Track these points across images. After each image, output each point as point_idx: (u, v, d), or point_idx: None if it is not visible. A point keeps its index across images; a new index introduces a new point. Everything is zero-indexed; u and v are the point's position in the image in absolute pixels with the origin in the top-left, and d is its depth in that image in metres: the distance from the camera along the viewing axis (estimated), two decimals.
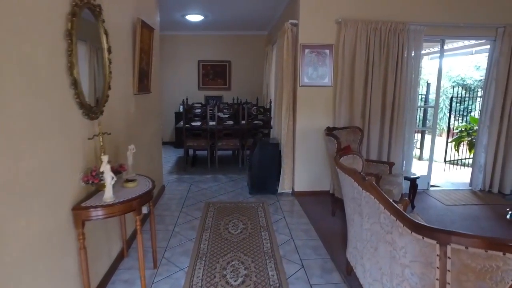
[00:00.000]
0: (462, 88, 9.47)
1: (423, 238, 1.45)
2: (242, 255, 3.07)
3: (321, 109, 4.57)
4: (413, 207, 4.30)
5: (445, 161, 7.14)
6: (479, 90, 9.59)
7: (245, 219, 3.88)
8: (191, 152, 6.74)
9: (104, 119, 2.49)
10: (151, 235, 2.85)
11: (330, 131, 4.19)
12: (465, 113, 8.21)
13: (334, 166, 3.76)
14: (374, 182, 1.94)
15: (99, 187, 2.29)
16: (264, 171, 4.70)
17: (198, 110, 6.18)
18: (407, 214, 1.59)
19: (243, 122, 6.03)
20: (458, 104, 8.10)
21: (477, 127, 6.70)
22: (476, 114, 9.00)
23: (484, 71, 4.75)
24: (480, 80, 10.17)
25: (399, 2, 4.41)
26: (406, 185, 4.13)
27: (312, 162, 4.68)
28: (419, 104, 5.91)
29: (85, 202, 2.13)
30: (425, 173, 5.11)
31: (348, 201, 2.41)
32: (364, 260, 2.19)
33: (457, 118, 8.19)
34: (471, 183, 5.22)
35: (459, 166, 7.14)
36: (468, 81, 10.33)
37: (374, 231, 1.93)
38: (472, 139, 7.19)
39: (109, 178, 2.11)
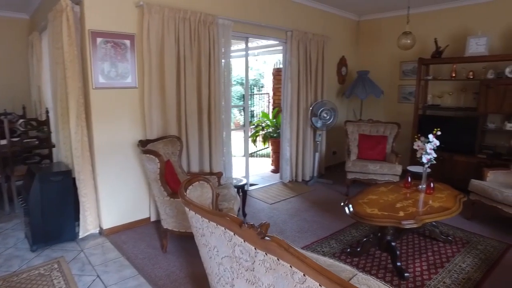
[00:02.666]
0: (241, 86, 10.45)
1: None
2: None
3: (127, 117, 3.54)
4: (244, 214, 4.02)
5: (244, 155, 7.68)
6: (255, 88, 11.00)
7: None
8: None
9: None
10: None
11: (144, 146, 3.26)
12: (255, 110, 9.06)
13: (161, 191, 2.88)
14: (264, 229, 1.28)
15: None
16: (53, 212, 3.21)
17: None
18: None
19: (3, 142, 4.09)
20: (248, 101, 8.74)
21: (268, 122, 7.38)
22: (257, 110, 10.27)
23: (257, 71, 5.00)
24: (255, 79, 11.63)
25: None
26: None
27: (122, 186, 3.58)
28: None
29: None
30: (242, 173, 5.02)
31: (210, 250, 1.66)
32: None
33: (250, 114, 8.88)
34: (281, 176, 5.53)
35: (257, 158, 7.79)
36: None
37: None
38: (265, 133, 7.82)
39: None
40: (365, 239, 3.14)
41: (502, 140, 4.82)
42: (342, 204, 3.06)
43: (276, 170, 6.28)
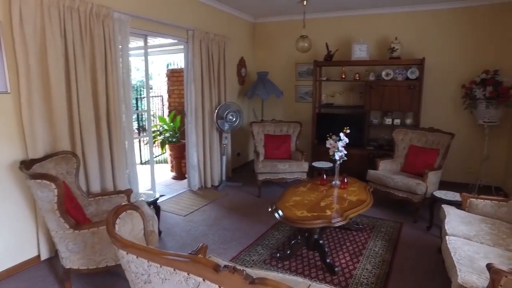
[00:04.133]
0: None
1: None
2: None
3: None
4: (159, 232, 3.59)
5: (141, 163, 7.05)
6: (142, 90, 10.18)
7: None
8: None
9: None
10: None
11: (29, 167, 2.55)
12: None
13: (60, 224, 2.30)
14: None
15: None
16: None
17: None
18: None
19: None
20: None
21: (165, 126, 6.91)
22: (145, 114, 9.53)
23: (144, 72, 4.59)
24: (142, 81, 10.78)
25: None
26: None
27: None
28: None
29: None
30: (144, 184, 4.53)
31: None
32: None
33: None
34: (189, 184, 5.20)
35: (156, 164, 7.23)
36: (133, 82, 10.62)
37: None
38: (163, 138, 7.32)
39: None
40: (293, 241, 3.15)
41: (382, 133, 5.57)
42: (270, 209, 2.99)
43: (178, 177, 5.92)
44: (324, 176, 3.69)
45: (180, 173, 6.03)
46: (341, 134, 3.53)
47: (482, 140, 4.96)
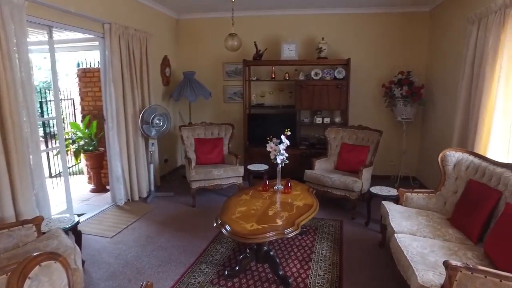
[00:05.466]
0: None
1: None
2: None
3: None
4: (82, 262, 3.00)
5: (50, 176, 6.07)
6: (48, 92, 8.79)
7: None
8: None
9: None
10: None
11: None
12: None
13: None
14: None
15: None
16: None
17: None
18: None
19: None
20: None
21: (80, 134, 6.06)
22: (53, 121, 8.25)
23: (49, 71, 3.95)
24: (46, 82, 9.34)
25: None
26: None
27: None
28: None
29: None
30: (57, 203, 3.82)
31: None
32: None
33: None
34: (113, 198, 4.57)
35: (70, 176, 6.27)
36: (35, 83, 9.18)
37: None
38: (77, 147, 6.43)
39: None
40: (241, 256, 2.90)
41: (313, 132, 5.67)
42: (215, 225, 2.69)
43: (97, 189, 5.22)
44: (267, 181, 3.50)
45: (100, 185, 5.31)
46: (283, 137, 3.39)
47: (401, 135, 5.37)
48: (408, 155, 5.48)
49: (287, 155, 3.43)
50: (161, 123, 4.78)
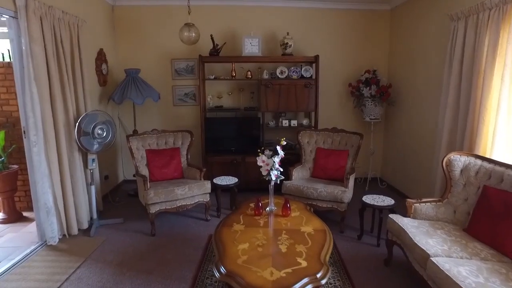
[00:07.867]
0: None
1: None
2: None
3: None
4: None
5: None
6: None
7: None
8: None
9: None
10: None
11: None
12: None
13: None
14: None
15: None
16: None
17: None
18: None
19: None
20: None
21: None
22: None
23: None
24: None
25: None
26: None
27: None
28: None
29: None
30: None
31: None
32: None
33: None
34: (41, 236, 3.44)
35: None
36: None
37: None
38: None
39: None
40: None
41: (279, 136, 5.15)
42: (218, 275, 1.98)
43: (11, 219, 4.05)
44: (260, 203, 2.86)
45: (15, 213, 4.12)
46: (278, 148, 2.80)
47: (369, 136, 5.18)
48: (375, 155, 5.33)
49: (281, 170, 2.85)
50: (105, 134, 3.77)
